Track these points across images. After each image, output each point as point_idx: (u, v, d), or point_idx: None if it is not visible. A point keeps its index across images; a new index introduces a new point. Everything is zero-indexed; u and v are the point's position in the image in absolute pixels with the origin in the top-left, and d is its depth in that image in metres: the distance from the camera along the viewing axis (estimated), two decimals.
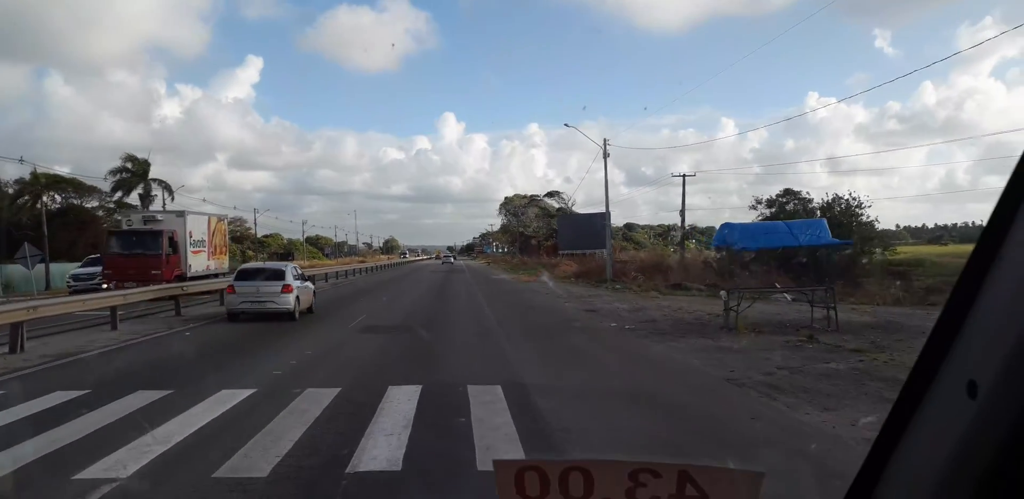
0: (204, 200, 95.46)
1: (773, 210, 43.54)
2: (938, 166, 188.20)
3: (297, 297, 19.17)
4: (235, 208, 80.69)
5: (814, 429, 7.51)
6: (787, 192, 44.55)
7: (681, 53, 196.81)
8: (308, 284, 21.12)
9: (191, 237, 29.93)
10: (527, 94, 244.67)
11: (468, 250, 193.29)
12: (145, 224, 29.26)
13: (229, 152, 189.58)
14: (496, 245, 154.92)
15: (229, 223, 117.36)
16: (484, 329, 17.42)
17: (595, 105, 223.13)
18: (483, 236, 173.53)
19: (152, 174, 69.49)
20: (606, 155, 37.19)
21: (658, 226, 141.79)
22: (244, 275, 19.85)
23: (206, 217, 33.37)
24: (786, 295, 21.27)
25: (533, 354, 13.17)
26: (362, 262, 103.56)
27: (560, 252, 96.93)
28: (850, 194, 38.87)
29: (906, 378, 1.23)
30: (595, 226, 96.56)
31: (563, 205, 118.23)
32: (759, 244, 15.54)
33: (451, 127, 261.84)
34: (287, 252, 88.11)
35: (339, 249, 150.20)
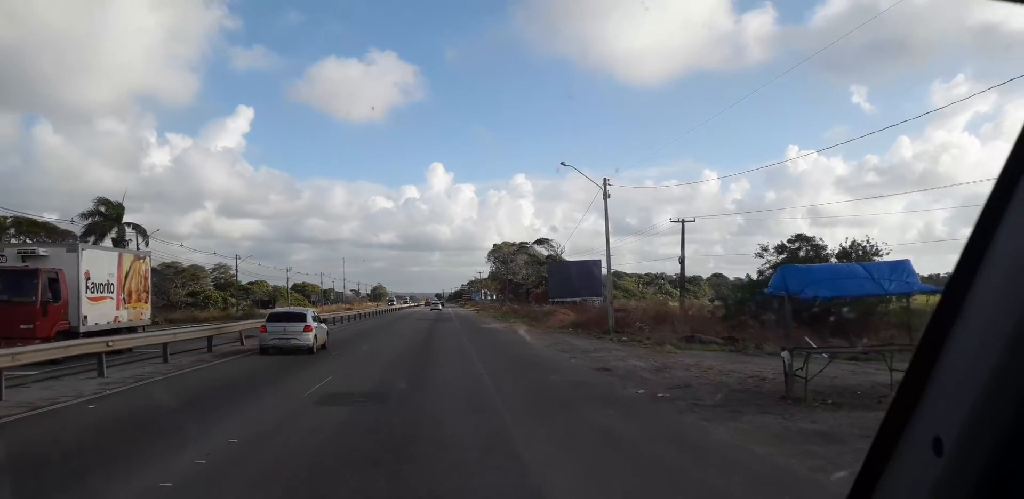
0: (182, 245, 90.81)
1: (784, 256, 40.20)
2: (916, 217, 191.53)
3: (315, 335, 22.86)
4: (215, 254, 76.91)
5: None
6: (799, 237, 41.24)
7: (662, 107, 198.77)
8: (323, 326, 24.97)
9: (88, 279, 22.59)
10: (514, 145, 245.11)
11: (456, 297, 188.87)
12: (23, 261, 21.67)
13: (217, 200, 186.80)
14: (484, 292, 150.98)
15: (213, 270, 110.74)
16: (479, 397, 13.47)
17: (579, 156, 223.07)
18: (471, 283, 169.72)
19: (139, 221, 66.06)
20: (606, 195, 33.87)
21: (645, 275, 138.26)
22: (274, 318, 24.19)
23: (115, 253, 26.59)
24: (823, 354, 17.52)
25: (551, 446, 9.13)
26: (348, 309, 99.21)
27: (551, 300, 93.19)
28: (868, 240, 35.43)
29: (875, 436, 1.22)
30: (586, 274, 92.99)
31: (552, 252, 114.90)
32: (833, 292, 12.08)
33: (439, 177, 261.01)
34: (271, 299, 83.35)
35: (326, 296, 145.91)
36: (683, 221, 51.90)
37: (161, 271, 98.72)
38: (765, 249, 42.69)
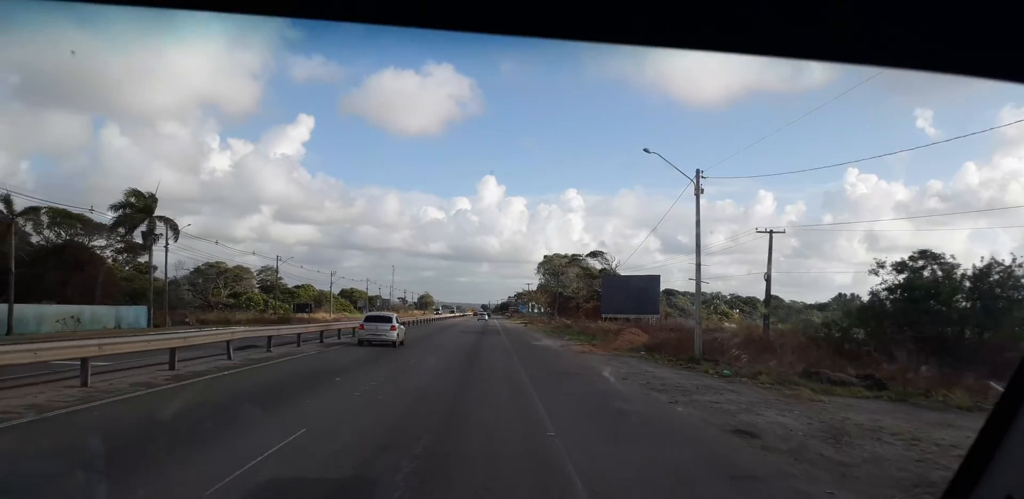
0: (216, 242, 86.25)
1: (905, 276, 32.31)
2: (981, 247, 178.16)
3: (398, 333, 29.68)
4: (253, 254, 71.90)
5: None
6: (924, 254, 33.28)
7: (718, 126, 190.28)
8: (403, 327, 31.72)
9: None
10: (566, 160, 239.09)
11: (502, 309, 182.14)
12: None
13: (274, 205, 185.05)
14: (532, 305, 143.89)
15: (260, 272, 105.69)
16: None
17: (633, 174, 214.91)
18: (518, 295, 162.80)
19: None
20: (699, 190, 26.72)
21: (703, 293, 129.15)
22: (369, 319, 31.52)
23: None
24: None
25: None
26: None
27: (603, 315, 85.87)
28: (1014, 260, 27.67)
29: (944, 492, 1.21)
30: (643, 289, 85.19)
31: (606, 266, 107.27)
32: None
33: (491, 189, 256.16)
34: (305, 304, 77.73)
35: (371, 303, 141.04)
36: (771, 231, 44.24)
37: (204, 271, 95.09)
38: (881, 265, 34.67)
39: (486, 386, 16.46)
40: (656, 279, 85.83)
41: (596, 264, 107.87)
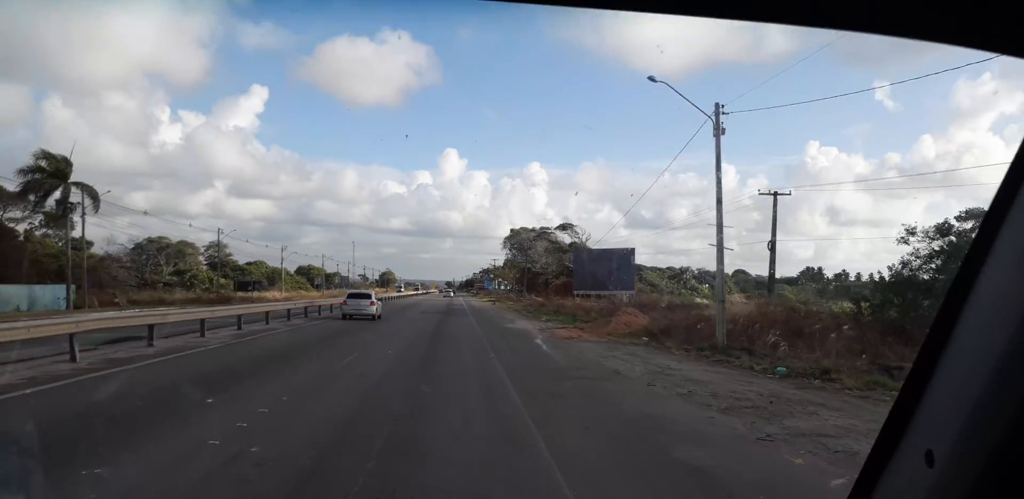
0: (146, 213, 77.02)
1: (950, 240, 26.79)
2: (937, 218, 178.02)
3: (376, 308, 34.04)
4: (191, 225, 64.37)
5: None
6: (971, 214, 27.84)
7: (678, 98, 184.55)
8: (379, 302, 36.02)
9: None
10: (528, 133, 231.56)
11: (467, 286, 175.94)
12: None
13: (228, 180, 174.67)
14: (498, 281, 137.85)
15: (208, 247, 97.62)
16: None
17: (595, 146, 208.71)
18: (484, 272, 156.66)
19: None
20: (719, 128, 20.58)
21: (667, 268, 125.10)
22: (351, 296, 36.35)
23: None
24: None
25: None
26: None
27: (575, 292, 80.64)
28: None
29: (870, 448, 1.22)
30: (618, 264, 79.79)
31: (576, 239, 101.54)
32: None
33: (453, 163, 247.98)
34: (249, 282, 70.47)
35: (329, 281, 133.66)
36: (775, 193, 38.55)
37: (145, 246, 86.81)
38: (912, 232, 29.11)
39: (451, 419, 9.92)
40: (630, 253, 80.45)
41: (566, 238, 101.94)
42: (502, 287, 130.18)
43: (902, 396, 1.18)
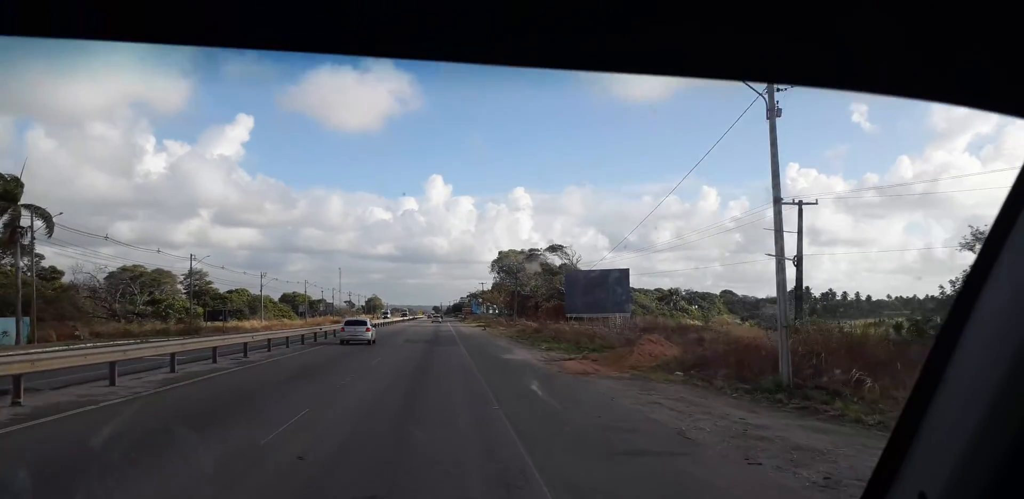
0: (107, 237, 72.04)
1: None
2: (917, 238, 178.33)
3: (372, 334, 36.03)
4: (158, 251, 59.36)
5: None
6: None
7: (660, 121, 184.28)
8: (374, 329, 38.04)
9: None
10: (512, 158, 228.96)
11: (455, 311, 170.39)
12: None
13: (213, 208, 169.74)
14: (486, 306, 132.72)
15: (186, 276, 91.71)
16: None
17: (578, 171, 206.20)
18: (471, 296, 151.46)
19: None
20: (774, 111, 16.18)
21: (655, 290, 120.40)
22: (349, 323, 39.21)
23: None
24: None
25: None
26: (336, 321, 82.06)
27: (567, 315, 75.87)
28: None
29: (862, 492, 1.20)
30: (611, 286, 75.11)
31: (567, 261, 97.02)
32: None
33: (438, 189, 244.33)
34: (220, 311, 65.12)
35: (313, 308, 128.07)
36: (800, 202, 34.14)
37: (117, 275, 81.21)
38: (979, 236, 24.86)
39: None
40: (624, 274, 75.86)
41: (556, 260, 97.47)
42: (491, 311, 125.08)
43: (895, 436, 1.12)
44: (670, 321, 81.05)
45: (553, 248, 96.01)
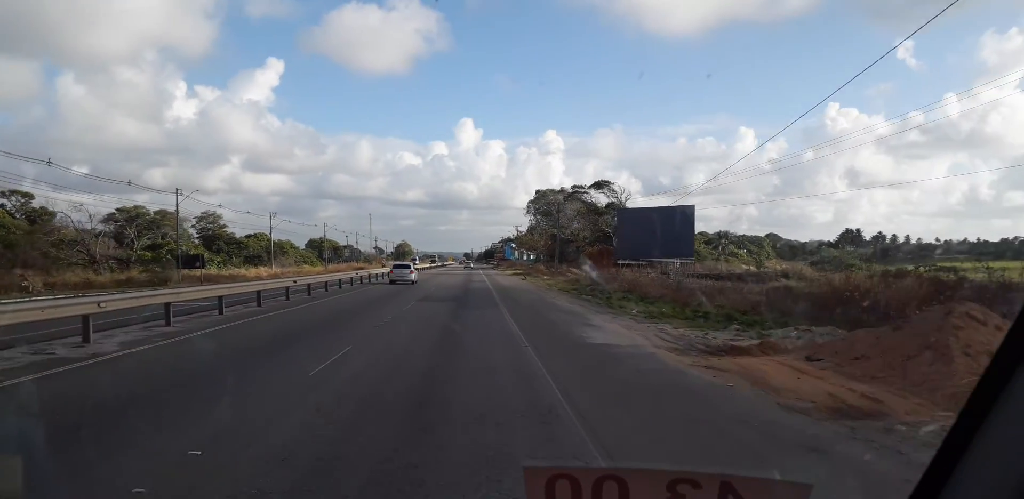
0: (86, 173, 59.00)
1: None
2: (961, 180, 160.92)
3: (415, 275, 41.48)
4: (129, 183, 47.50)
5: None
6: None
7: (696, 58, 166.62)
8: (416, 272, 45.11)
9: None
10: (543, 100, 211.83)
11: (487, 257, 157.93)
12: None
13: (243, 155, 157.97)
14: (518, 252, 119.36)
15: (200, 219, 79.92)
16: None
17: (611, 112, 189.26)
18: (505, 241, 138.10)
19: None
20: None
21: (699, 234, 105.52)
22: (396, 267, 45.19)
23: None
24: None
25: None
26: (360, 268, 69.94)
27: (618, 260, 62.06)
28: None
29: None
30: (673, 226, 61.10)
31: (614, 199, 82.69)
32: None
33: (468, 133, 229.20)
34: (196, 257, 52.15)
35: (339, 254, 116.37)
36: None
37: (115, 217, 69.38)
38: None
39: None
40: (689, 211, 61.49)
41: (601, 198, 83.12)
42: (526, 257, 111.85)
43: (949, 440, 1.02)
44: (724, 266, 66.82)
45: (599, 184, 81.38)
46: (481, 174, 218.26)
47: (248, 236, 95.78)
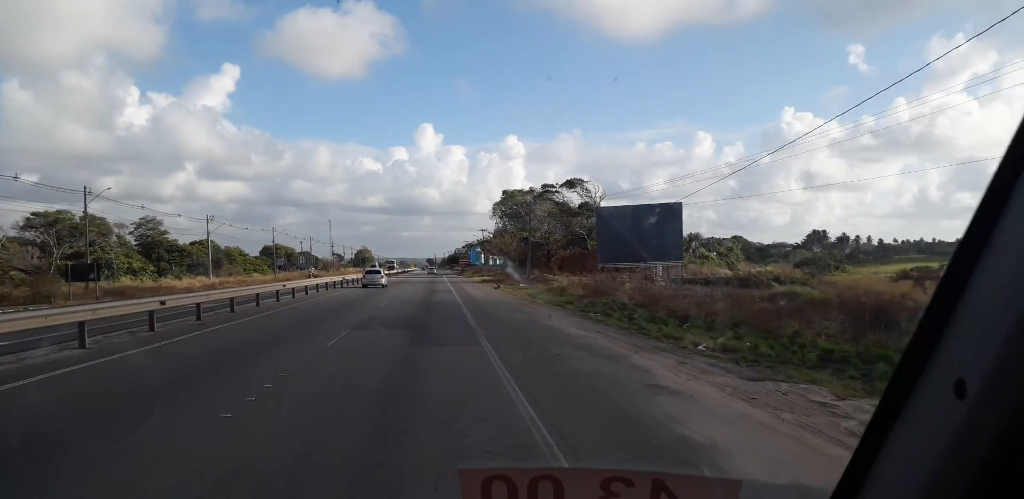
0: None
1: None
2: (911, 182, 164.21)
3: (385, 279, 44.49)
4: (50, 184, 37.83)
5: None
6: None
7: (653, 63, 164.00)
8: (386, 276, 47.39)
9: None
10: (503, 104, 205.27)
11: (451, 263, 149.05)
12: None
13: (199, 161, 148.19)
14: (484, 256, 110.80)
15: (138, 225, 72.94)
16: None
17: (570, 117, 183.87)
18: (469, 246, 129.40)
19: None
20: None
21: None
22: (368, 272, 47.65)
23: None
24: None
25: None
26: (315, 276, 60.96)
27: (600, 265, 54.63)
28: None
29: (889, 379, 1.07)
30: (659, 225, 53.78)
31: (588, 199, 74.90)
32: None
33: (429, 138, 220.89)
34: (88, 266, 42.41)
35: (292, 261, 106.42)
36: None
37: (32, 222, 59.30)
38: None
39: None
40: (676, 208, 53.87)
41: (575, 197, 75.25)
42: (492, 262, 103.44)
43: (926, 320, 0.96)
44: (706, 269, 59.36)
45: (571, 183, 73.43)
46: (443, 179, 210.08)
47: (192, 243, 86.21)
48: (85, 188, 41.78)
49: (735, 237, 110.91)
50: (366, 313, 20.85)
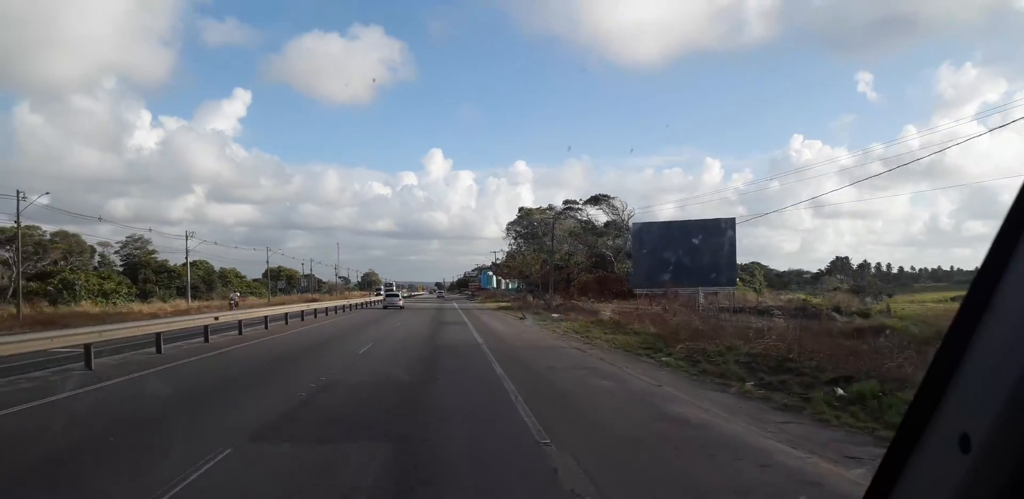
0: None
1: None
2: (922, 210, 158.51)
3: (402, 301, 52.38)
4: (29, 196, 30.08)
5: None
6: None
7: (660, 89, 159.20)
8: (404, 299, 59.12)
9: None
10: (512, 130, 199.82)
11: (462, 286, 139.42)
12: None
13: (208, 185, 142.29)
14: (496, 280, 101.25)
15: (123, 245, 62.58)
16: None
17: (578, 142, 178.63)
18: (479, 270, 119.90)
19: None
20: None
21: None
22: (387, 295, 57.09)
23: None
24: None
25: None
26: (313, 300, 52.41)
27: (633, 289, 45.11)
28: None
29: (895, 433, 1.01)
30: (708, 244, 43.98)
31: (615, 217, 65.41)
32: None
33: (438, 163, 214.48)
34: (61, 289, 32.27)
35: (292, 284, 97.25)
36: None
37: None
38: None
39: None
40: (729, 226, 44.28)
41: (600, 215, 65.75)
42: (507, 286, 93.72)
43: (931, 375, 0.94)
44: (751, 297, 49.42)
45: (596, 199, 63.93)
46: (451, 204, 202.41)
47: (183, 264, 76.97)
48: (18, 193, 32.87)
49: (752, 263, 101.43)
50: (343, 363, 11.30)
